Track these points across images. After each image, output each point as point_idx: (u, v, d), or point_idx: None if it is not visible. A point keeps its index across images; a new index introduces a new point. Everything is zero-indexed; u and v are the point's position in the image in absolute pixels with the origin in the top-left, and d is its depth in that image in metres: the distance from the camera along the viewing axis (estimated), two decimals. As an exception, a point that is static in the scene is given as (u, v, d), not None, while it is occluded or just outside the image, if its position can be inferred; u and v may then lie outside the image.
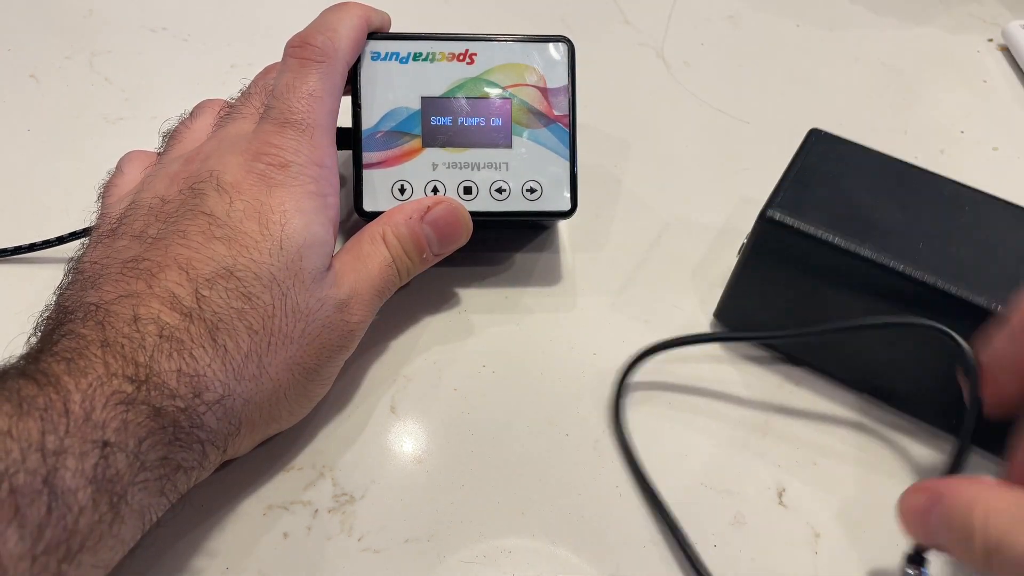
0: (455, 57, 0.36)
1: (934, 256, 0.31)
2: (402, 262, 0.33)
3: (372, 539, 0.30)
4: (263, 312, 0.28)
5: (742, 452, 0.34)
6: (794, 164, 0.34)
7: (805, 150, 0.35)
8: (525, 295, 0.38)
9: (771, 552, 0.31)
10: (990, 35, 0.54)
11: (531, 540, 0.31)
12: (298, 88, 0.31)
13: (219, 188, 0.30)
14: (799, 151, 0.35)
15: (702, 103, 0.48)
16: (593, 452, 0.33)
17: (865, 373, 0.35)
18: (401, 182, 0.35)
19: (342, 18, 0.33)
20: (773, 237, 0.32)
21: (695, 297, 0.39)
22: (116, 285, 0.27)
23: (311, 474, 0.32)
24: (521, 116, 0.36)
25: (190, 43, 0.48)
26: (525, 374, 0.36)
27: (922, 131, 0.47)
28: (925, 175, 0.34)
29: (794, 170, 0.34)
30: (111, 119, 0.44)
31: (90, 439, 0.23)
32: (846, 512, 0.32)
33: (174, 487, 0.26)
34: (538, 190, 0.36)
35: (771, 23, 0.53)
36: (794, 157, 0.34)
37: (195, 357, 0.26)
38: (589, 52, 0.41)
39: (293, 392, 0.30)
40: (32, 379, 0.23)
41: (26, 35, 0.48)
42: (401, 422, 0.34)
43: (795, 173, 0.34)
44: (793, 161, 0.34)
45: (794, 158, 0.34)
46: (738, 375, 0.36)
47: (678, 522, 0.31)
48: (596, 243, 0.41)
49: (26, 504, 0.21)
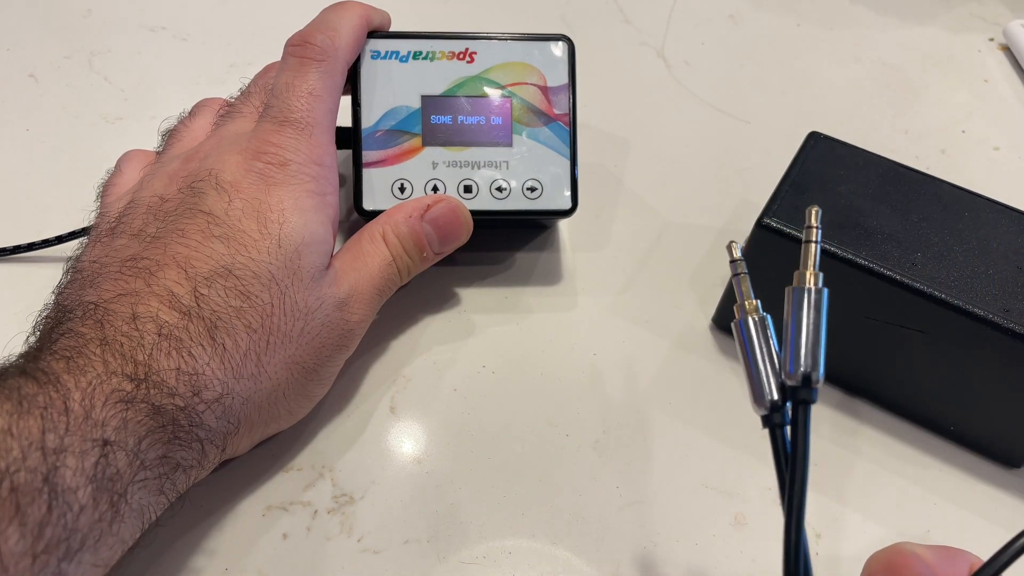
0: (455, 56, 0.35)
1: (932, 264, 0.31)
2: (402, 261, 0.33)
3: (372, 540, 0.30)
4: (262, 311, 0.28)
5: (743, 453, 0.34)
6: (792, 169, 0.34)
7: (804, 154, 0.34)
8: (525, 295, 0.38)
9: (772, 552, 0.31)
10: (991, 35, 0.54)
11: (531, 541, 0.31)
12: (298, 87, 0.31)
13: (218, 187, 0.30)
14: (798, 155, 0.34)
15: (702, 103, 0.48)
16: (593, 452, 0.33)
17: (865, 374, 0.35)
18: (401, 181, 0.35)
19: (342, 17, 0.33)
20: (770, 244, 0.32)
21: (695, 297, 0.39)
22: (115, 284, 0.27)
23: (311, 474, 0.32)
24: (521, 115, 0.36)
25: (189, 42, 0.48)
26: (525, 374, 0.35)
27: (923, 131, 0.47)
28: (924, 179, 0.34)
29: (792, 175, 0.34)
30: (110, 118, 0.44)
31: (90, 437, 0.23)
32: (846, 513, 0.32)
33: (173, 486, 0.26)
34: (538, 189, 0.36)
35: (772, 23, 0.53)
36: (792, 161, 0.34)
37: (194, 355, 0.26)
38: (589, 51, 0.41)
39: (292, 391, 0.30)
40: (32, 377, 0.23)
41: (25, 35, 0.48)
42: (401, 422, 0.34)
43: (793, 178, 0.33)
44: (791, 166, 0.34)
45: (792, 162, 0.34)
46: (737, 378, 0.36)
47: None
48: (596, 243, 0.41)
49: (27, 502, 0.21)
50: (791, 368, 0.23)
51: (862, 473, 0.33)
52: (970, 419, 0.33)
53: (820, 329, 0.23)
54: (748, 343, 0.24)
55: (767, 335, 0.24)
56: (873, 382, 0.35)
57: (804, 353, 0.23)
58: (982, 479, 0.34)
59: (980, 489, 0.33)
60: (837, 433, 0.34)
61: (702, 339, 0.37)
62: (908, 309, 0.31)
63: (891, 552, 0.23)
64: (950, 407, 0.33)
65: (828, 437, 0.34)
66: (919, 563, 0.22)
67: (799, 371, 0.23)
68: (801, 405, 0.22)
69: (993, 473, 0.34)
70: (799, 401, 0.23)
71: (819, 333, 0.23)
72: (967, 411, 0.33)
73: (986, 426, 0.33)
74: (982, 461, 0.34)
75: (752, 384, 0.24)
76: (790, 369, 0.23)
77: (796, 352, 0.23)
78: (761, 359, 0.24)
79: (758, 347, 0.24)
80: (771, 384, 0.23)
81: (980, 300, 0.30)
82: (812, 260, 0.24)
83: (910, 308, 0.30)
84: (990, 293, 0.30)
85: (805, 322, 0.23)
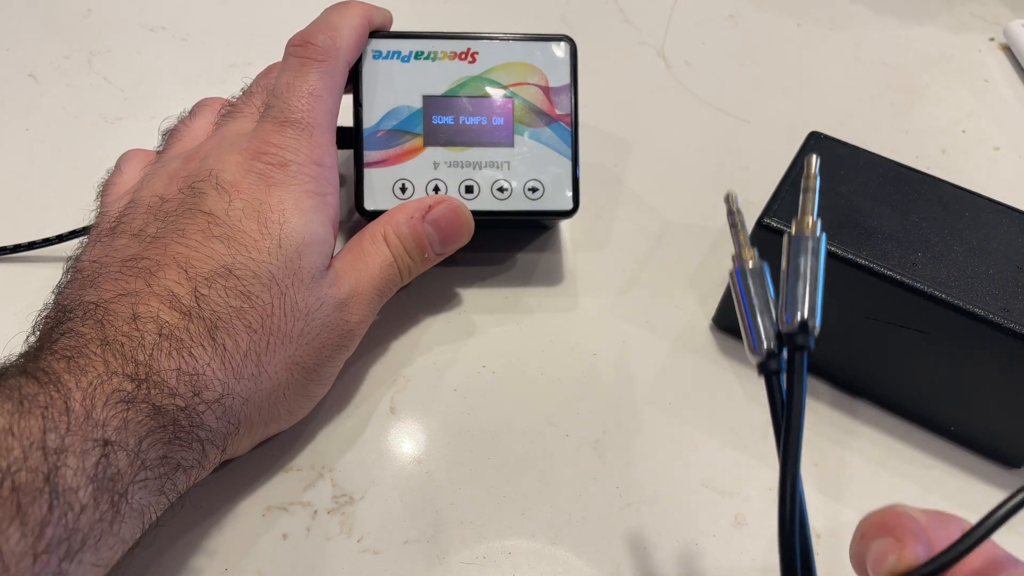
0: (457, 56, 0.35)
1: (932, 264, 0.31)
2: (403, 261, 0.33)
3: (372, 540, 0.30)
4: (262, 311, 0.28)
5: (743, 453, 0.34)
6: (793, 168, 0.34)
7: (804, 154, 0.34)
8: (526, 295, 0.38)
9: (772, 553, 0.31)
10: (991, 34, 0.54)
11: (531, 541, 0.31)
12: (298, 87, 0.31)
13: (218, 187, 0.30)
14: (799, 155, 0.34)
15: (702, 102, 0.48)
16: (593, 452, 0.33)
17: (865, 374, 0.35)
18: (402, 181, 0.35)
19: (344, 17, 0.33)
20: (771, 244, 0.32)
21: (695, 297, 0.39)
22: (115, 284, 0.27)
23: (310, 475, 0.32)
24: (523, 115, 0.36)
25: (189, 42, 0.48)
26: (525, 374, 0.35)
27: (923, 131, 0.47)
28: (924, 179, 0.34)
29: (793, 175, 0.34)
30: (110, 118, 0.44)
31: (91, 437, 0.23)
32: (846, 513, 0.32)
33: (174, 486, 0.26)
34: (540, 189, 0.35)
35: (772, 22, 0.53)
36: (793, 161, 0.34)
37: (194, 356, 0.26)
38: (589, 51, 0.41)
39: (292, 391, 0.30)
40: (33, 377, 0.23)
41: (25, 35, 0.48)
42: (401, 422, 0.34)
43: (794, 178, 0.33)
44: (792, 165, 0.34)
45: (793, 162, 0.34)
46: (737, 378, 0.36)
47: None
48: (597, 243, 0.41)
49: (28, 502, 0.21)
50: (788, 315, 0.23)
51: (862, 473, 0.33)
52: (970, 419, 0.33)
53: (818, 276, 0.23)
54: (745, 291, 0.24)
55: (764, 284, 0.24)
56: (873, 382, 0.35)
57: (801, 299, 0.23)
58: (982, 479, 0.34)
59: (980, 489, 0.33)
60: (837, 433, 0.35)
61: (702, 339, 0.37)
62: (908, 309, 0.31)
63: (884, 512, 0.23)
64: (950, 407, 0.33)
65: (828, 437, 0.34)
66: (912, 523, 0.22)
67: (796, 317, 0.22)
68: (798, 351, 0.22)
69: (993, 473, 0.34)
70: (796, 347, 0.22)
71: (817, 280, 0.23)
72: (967, 411, 0.33)
73: (986, 426, 0.33)
74: (982, 461, 0.34)
75: (748, 332, 0.23)
76: (787, 316, 0.23)
77: (793, 298, 0.23)
78: (758, 307, 0.24)
79: (755, 295, 0.24)
80: (768, 331, 0.23)
81: (980, 300, 0.30)
82: (811, 207, 0.24)
83: (910, 308, 0.31)
84: (990, 293, 0.30)
85: (803, 269, 0.23)
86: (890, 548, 0.21)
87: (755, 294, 0.24)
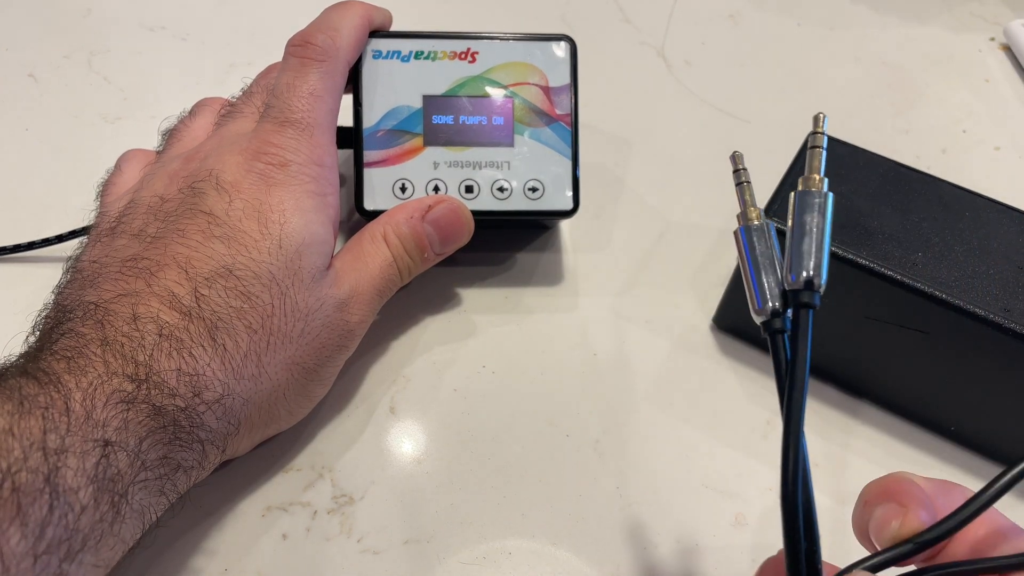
0: (457, 56, 0.35)
1: (932, 264, 0.31)
2: (403, 261, 0.33)
3: (371, 540, 0.30)
4: (262, 311, 0.28)
5: (743, 453, 0.34)
6: (793, 168, 0.34)
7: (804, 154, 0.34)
8: (526, 295, 0.38)
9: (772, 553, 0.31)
10: (992, 34, 0.54)
11: (531, 541, 0.31)
12: (298, 87, 0.31)
13: (218, 187, 0.29)
14: (799, 155, 0.34)
15: (703, 102, 0.48)
16: (593, 452, 0.33)
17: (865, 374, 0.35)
18: (402, 181, 0.35)
19: (344, 16, 0.33)
20: None
21: (695, 297, 0.39)
22: (115, 284, 0.27)
23: (310, 475, 0.32)
24: (523, 115, 0.35)
25: (189, 42, 0.48)
26: (525, 374, 0.35)
27: (924, 130, 0.47)
28: (925, 179, 0.34)
29: (793, 175, 0.34)
30: (110, 118, 0.44)
31: (91, 438, 0.23)
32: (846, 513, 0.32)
33: (174, 487, 0.26)
34: (540, 189, 0.35)
35: (772, 22, 0.53)
36: (793, 161, 0.34)
37: (194, 356, 0.26)
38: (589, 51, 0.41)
39: (292, 392, 0.30)
40: (33, 377, 0.23)
41: (25, 34, 0.48)
42: (401, 422, 0.34)
43: (793, 178, 0.33)
44: (792, 165, 0.34)
45: (793, 162, 0.34)
46: (737, 378, 0.36)
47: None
48: (597, 243, 0.41)
49: (28, 503, 0.21)
50: (793, 272, 0.22)
51: (862, 473, 0.33)
52: (970, 419, 0.33)
53: (824, 234, 0.22)
54: (750, 250, 0.24)
55: (770, 243, 0.24)
56: (873, 382, 0.35)
57: (807, 257, 0.22)
58: (982, 479, 0.33)
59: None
60: (837, 433, 0.35)
61: (702, 339, 0.37)
62: (908, 309, 0.31)
63: (888, 479, 0.22)
64: (950, 407, 0.33)
65: (828, 437, 0.34)
66: (916, 489, 0.22)
67: (802, 275, 0.22)
68: (803, 309, 0.22)
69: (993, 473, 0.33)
70: (801, 305, 0.22)
71: (823, 238, 0.22)
72: (967, 411, 0.33)
73: (986, 426, 0.33)
74: (982, 461, 0.34)
75: (752, 290, 0.23)
76: (792, 274, 0.22)
77: (799, 256, 0.22)
78: (763, 265, 0.23)
79: (760, 254, 0.23)
80: (773, 291, 0.23)
81: (980, 300, 0.30)
82: (818, 164, 0.24)
83: (910, 308, 0.30)
84: (990, 293, 0.30)
85: (809, 226, 0.23)
86: (893, 514, 0.21)
87: (760, 252, 0.23)
